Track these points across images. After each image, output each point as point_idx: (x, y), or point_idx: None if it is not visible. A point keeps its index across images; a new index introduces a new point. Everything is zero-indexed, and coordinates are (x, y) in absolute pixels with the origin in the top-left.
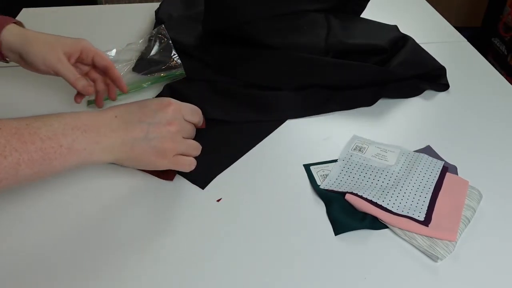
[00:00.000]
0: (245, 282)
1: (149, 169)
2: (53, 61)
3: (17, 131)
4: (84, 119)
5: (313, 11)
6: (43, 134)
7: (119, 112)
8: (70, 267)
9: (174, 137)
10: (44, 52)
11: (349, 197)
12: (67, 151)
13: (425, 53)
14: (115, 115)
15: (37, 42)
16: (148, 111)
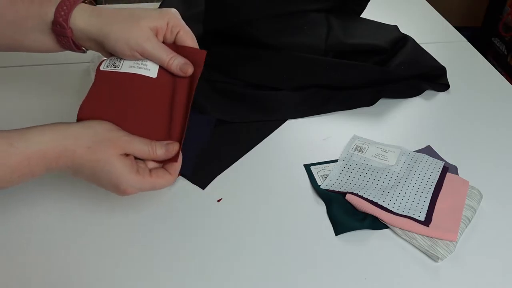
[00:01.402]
0: (245, 282)
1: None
2: (139, 40)
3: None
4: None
5: (313, 11)
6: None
7: (75, 168)
8: (67, 266)
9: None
10: (127, 32)
11: (350, 197)
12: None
13: (425, 53)
14: (68, 166)
15: (116, 21)
16: (101, 185)
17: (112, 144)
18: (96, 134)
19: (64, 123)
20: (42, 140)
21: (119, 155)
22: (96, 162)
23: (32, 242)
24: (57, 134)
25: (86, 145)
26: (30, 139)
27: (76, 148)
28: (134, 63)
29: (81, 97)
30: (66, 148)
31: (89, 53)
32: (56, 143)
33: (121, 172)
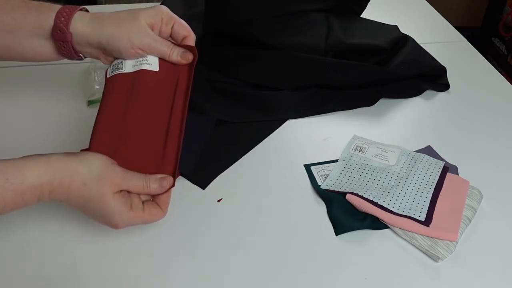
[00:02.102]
0: (245, 282)
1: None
2: (141, 36)
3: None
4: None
5: (313, 11)
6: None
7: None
8: (67, 266)
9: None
10: (128, 30)
11: (350, 197)
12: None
13: (425, 53)
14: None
15: (116, 23)
16: (92, 216)
17: (107, 182)
18: (92, 170)
19: (59, 156)
20: (38, 174)
21: (113, 193)
22: (90, 200)
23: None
24: (53, 169)
25: (81, 181)
26: (26, 174)
27: (71, 183)
28: (136, 61)
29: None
30: (61, 183)
31: None
32: (51, 177)
33: (114, 211)
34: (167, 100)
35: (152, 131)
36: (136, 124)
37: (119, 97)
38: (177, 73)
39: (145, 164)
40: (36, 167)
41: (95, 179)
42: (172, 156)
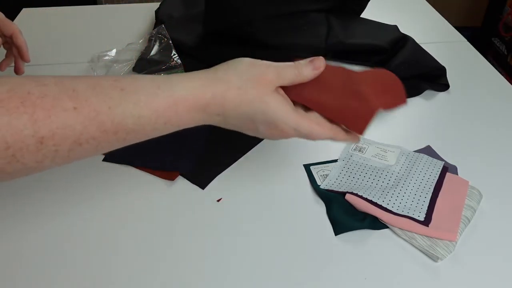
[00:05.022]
0: (245, 282)
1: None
2: None
3: (97, 116)
4: (182, 113)
5: (313, 11)
6: (129, 126)
7: (225, 113)
8: (68, 266)
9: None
10: None
11: (349, 197)
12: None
13: (425, 53)
14: (223, 118)
15: None
16: (253, 128)
17: (262, 81)
18: (241, 73)
19: (206, 70)
20: (191, 85)
21: (271, 91)
22: (250, 103)
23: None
24: (204, 80)
25: (235, 86)
26: (177, 84)
27: (226, 92)
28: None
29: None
30: (215, 94)
31: (89, 53)
32: (205, 88)
33: (278, 111)
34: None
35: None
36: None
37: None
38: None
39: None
40: (188, 79)
41: (249, 79)
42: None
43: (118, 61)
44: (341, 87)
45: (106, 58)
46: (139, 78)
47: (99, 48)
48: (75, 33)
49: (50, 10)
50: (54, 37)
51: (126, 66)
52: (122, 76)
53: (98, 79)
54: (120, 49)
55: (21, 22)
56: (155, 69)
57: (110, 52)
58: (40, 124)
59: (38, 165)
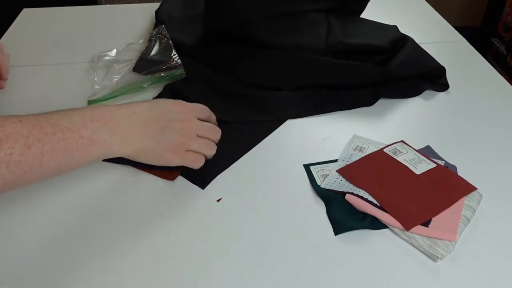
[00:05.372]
0: (245, 282)
1: (160, 165)
2: None
3: (38, 123)
4: (102, 112)
5: (313, 11)
6: (63, 125)
7: (135, 108)
8: (69, 267)
9: (187, 134)
10: None
11: (349, 197)
12: (88, 142)
13: (425, 53)
14: (132, 111)
15: None
16: (163, 109)
17: None
18: None
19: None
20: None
21: None
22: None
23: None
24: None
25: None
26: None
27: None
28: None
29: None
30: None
31: (89, 53)
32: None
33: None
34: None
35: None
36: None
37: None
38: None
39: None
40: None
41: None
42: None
43: (118, 61)
44: (402, 187)
45: (106, 58)
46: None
47: (99, 48)
48: (75, 33)
49: (50, 10)
50: (54, 37)
51: (126, 66)
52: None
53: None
54: (120, 49)
55: (21, 22)
56: (155, 69)
57: (110, 52)
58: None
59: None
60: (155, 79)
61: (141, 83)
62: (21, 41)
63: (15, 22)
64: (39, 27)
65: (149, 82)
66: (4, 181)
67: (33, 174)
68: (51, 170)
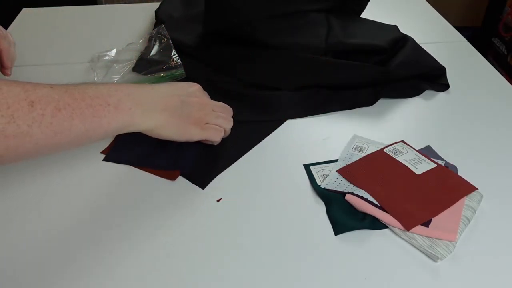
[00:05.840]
0: (244, 282)
1: (183, 140)
2: None
3: (67, 90)
4: (125, 86)
5: (313, 11)
6: (91, 93)
7: (154, 86)
8: (68, 265)
9: (204, 108)
10: None
11: (349, 197)
12: (114, 109)
13: (425, 53)
14: (151, 88)
15: None
16: (179, 87)
17: None
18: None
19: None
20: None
21: None
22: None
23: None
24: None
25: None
26: None
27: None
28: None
29: None
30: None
31: (88, 53)
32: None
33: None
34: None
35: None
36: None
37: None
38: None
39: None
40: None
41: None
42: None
43: (118, 61)
44: (403, 187)
45: (106, 58)
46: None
47: (99, 48)
48: (75, 33)
49: (50, 10)
50: (54, 37)
51: (126, 66)
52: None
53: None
54: (120, 49)
55: (21, 22)
56: (155, 69)
57: (110, 52)
58: (30, 92)
59: (29, 129)
60: (155, 79)
61: (141, 83)
62: (21, 41)
63: (15, 22)
64: (39, 27)
65: (149, 82)
66: (36, 141)
67: (63, 137)
68: (79, 135)
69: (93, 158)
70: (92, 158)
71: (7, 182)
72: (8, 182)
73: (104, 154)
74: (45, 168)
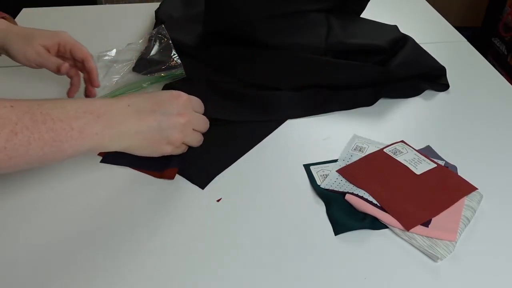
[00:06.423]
0: (244, 282)
1: (154, 156)
2: (33, 55)
3: (29, 110)
4: (98, 105)
5: (313, 11)
6: (55, 115)
7: (132, 101)
8: (69, 267)
9: (184, 129)
10: (23, 47)
11: (349, 197)
12: (78, 134)
13: (425, 53)
14: (128, 104)
15: (16, 38)
16: (160, 101)
17: None
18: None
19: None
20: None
21: None
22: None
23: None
24: None
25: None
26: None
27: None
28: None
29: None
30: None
31: None
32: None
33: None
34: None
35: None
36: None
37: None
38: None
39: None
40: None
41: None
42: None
43: (118, 61)
44: (402, 187)
45: (106, 58)
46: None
47: (99, 48)
48: (74, 33)
49: (50, 10)
50: None
51: (126, 66)
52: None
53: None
54: (120, 49)
55: (21, 22)
56: (155, 69)
57: (110, 52)
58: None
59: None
60: (154, 79)
61: (140, 83)
62: None
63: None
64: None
65: (149, 82)
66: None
67: (18, 160)
68: (38, 158)
69: (91, 160)
70: (90, 160)
71: (2, 186)
72: (4, 186)
73: (101, 156)
74: (44, 170)
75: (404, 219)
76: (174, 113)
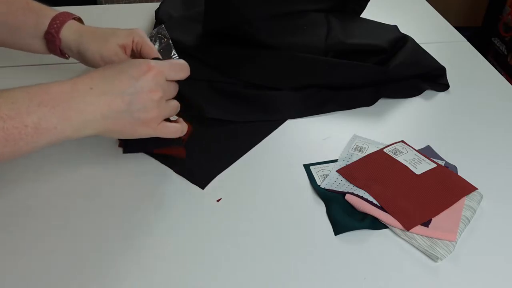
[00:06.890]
0: (244, 282)
1: (133, 138)
2: (110, 55)
3: None
4: (54, 93)
5: (313, 11)
6: (4, 112)
7: (95, 82)
8: (69, 267)
9: (158, 105)
10: (100, 48)
11: (349, 197)
12: (34, 131)
13: (425, 53)
14: (90, 87)
15: (92, 39)
16: (127, 78)
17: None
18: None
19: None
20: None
21: None
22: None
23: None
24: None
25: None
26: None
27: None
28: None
29: None
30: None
31: None
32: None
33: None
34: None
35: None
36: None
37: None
38: None
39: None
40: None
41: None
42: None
43: None
44: (402, 187)
45: None
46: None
47: None
48: None
49: None
50: None
51: None
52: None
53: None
54: None
55: None
56: None
57: None
58: None
59: None
60: None
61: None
62: None
63: None
64: None
65: None
66: None
67: None
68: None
69: (90, 158)
70: (89, 158)
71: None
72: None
73: (121, 147)
74: (44, 170)
75: (404, 219)
76: (145, 90)
